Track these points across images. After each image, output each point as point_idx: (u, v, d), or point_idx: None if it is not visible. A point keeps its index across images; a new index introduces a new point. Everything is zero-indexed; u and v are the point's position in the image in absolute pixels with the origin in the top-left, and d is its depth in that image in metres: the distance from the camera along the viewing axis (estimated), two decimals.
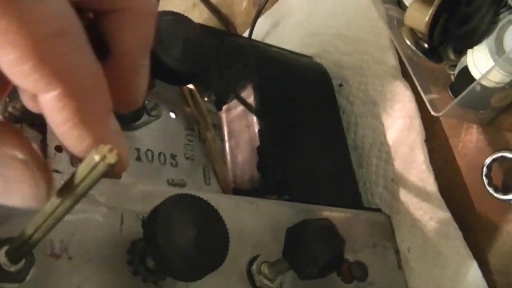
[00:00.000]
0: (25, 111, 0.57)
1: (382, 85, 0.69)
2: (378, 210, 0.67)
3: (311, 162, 0.66)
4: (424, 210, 0.62)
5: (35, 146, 0.30)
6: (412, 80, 0.63)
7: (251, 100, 0.64)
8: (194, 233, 0.44)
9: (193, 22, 0.53)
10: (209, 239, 0.44)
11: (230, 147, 0.64)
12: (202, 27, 0.65)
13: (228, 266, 0.52)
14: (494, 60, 0.55)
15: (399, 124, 0.67)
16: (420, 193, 0.63)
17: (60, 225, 0.44)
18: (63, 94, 0.25)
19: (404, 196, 0.65)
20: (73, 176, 0.33)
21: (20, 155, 0.28)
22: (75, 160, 0.53)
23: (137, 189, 0.51)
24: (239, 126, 0.65)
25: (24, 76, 0.24)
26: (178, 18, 0.52)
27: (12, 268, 0.41)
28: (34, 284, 0.43)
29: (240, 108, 0.65)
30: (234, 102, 0.66)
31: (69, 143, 0.27)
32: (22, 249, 0.41)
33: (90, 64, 0.26)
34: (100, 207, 0.48)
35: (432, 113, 0.57)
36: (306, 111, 0.69)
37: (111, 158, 0.30)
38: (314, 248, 0.49)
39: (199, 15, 1.02)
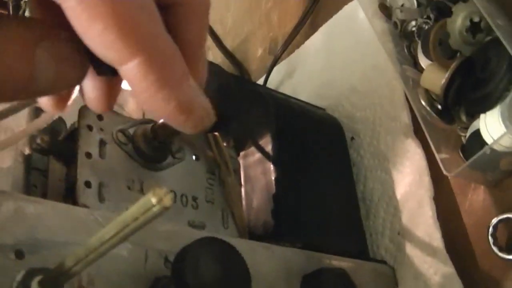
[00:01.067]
0: (52, 143, 0.59)
1: (394, 141, 0.72)
2: (384, 262, 0.69)
3: (322, 211, 0.68)
4: (429, 264, 0.65)
5: None
6: (424, 139, 0.66)
7: (268, 148, 0.67)
8: (220, 272, 0.46)
9: (223, 69, 0.56)
10: (233, 278, 0.46)
11: (246, 192, 0.67)
12: (232, 75, 0.68)
13: None
14: (506, 126, 0.58)
15: (408, 180, 0.69)
16: (426, 247, 0.65)
17: None
18: (146, 61, 0.27)
19: (410, 249, 0.67)
20: (125, 214, 0.36)
21: None
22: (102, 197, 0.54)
23: (161, 228, 0.53)
24: (256, 172, 0.67)
25: (110, 46, 0.27)
26: (209, 63, 0.55)
27: None
28: None
29: (258, 155, 0.68)
30: (252, 149, 0.68)
31: (155, 108, 0.29)
32: (57, 281, 0.43)
33: (165, 33, 0.29)
34: (126, 243, 0.50)
35: (444, 172, 0.60)
36: (319, 162, 0.71)
37: (167, 202, 0.32)
38: None
39: (213, 58, 1.05)
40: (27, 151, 0.59)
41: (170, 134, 0.57)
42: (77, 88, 0.34)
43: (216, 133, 0.63)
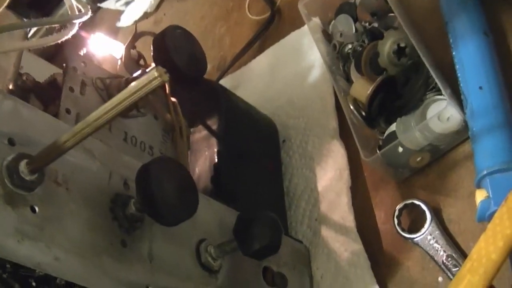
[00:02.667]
0: (35, 83, 0.67)
1: (321, 143, 0.83)
2: (300, 241, 0.78)
3: (253, 192, 0.78)
4: (341, 243, 0.75)
5: None
6: (348, 142, 0.78)
7: (214, 127, 0.77)
8: (176, 182, 0.54)
9: (195, 38, 0.67)
10: (186, 187, 0.55)
11: (191, 161, 0.76)
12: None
13: (183, 240, 0.62)
14: (416, 127, 0.71)
15: (330, 175, 0.80)
16: (339, 229, 0.76)
17: (64, 163, 0.54)
18: None
19: (325, 232, 0.77)
20: (127, 89, 0.45)
21: None
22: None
23: (124, 159, 0.61)
24: (201, 146, 0.77)
25: None
26: (186, 32, 0.65)
27: (28, 178, 0.50)
28: (39, 197, 0.51)
29: (204, 132, 0.77)
30: (200, 127, 0.78)
31: None
32: (46, 159, 0.50)
33: None
34: (96, 161, 0.58)
35: (363, 157, 0.71)
36: (255, 151, 0.82)
37: (165, 78, 0.42)
38: (260, 229, 0.60)
39: None
40: (11, 86, 0.66)
41: None
42: None
43: (175, 100, 0.72)
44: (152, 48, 0.63)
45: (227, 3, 1.11)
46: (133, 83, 0.44)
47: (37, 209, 0.51)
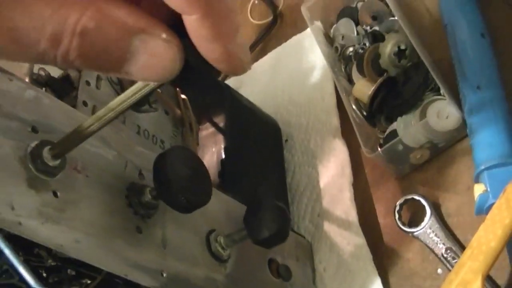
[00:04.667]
0: (50, 77, 0.69)
1: (323, 141, 0.86)
2: (303, 236, 0.81)
3: (257, 186, 0.81)
4: (343, 237, 0.77)
5: None
6: (349, 140, 0.81)
7: (221, 124, 0.80)
8: (191, 169, 0.57)
9: None
10: (202, 179, 0.58)
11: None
12: None
13: (193, 229, 0.65)
14: (416, 125, 0.73)
15: (332, 172, 0.83)
16: (342, 223, 0.78)
17: (83, 151, 0.57)
18: (203, 17, 0.31)
19: (327, 227, 0.80)
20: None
21: None
22: None
23: (139, 149, 0.63)
24: (208, 142, 0.79)
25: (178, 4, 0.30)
26: None
27: (51, 163, 0.52)
28: (60, 183, 0.53)
29: (211, 129, 0.80)
30: (207, 124, 0.81)
31: (206, 53, 0.33)
32: (68, 145, 0.52)
33: None
34: (112, 150, 0.60)
35: (365, 153, 0.74)
36: (259, 149, 0.85)
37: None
38: (269, 217, 0.62)
39: None
40: (27, 80, 0.68)
41: None
42: None
43: (185, 97, 0.75)
44: None
45: None
46: None
47: (58, 193, 0.53)
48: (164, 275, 0.59)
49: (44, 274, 0.62)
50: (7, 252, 0.49)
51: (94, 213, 0.55)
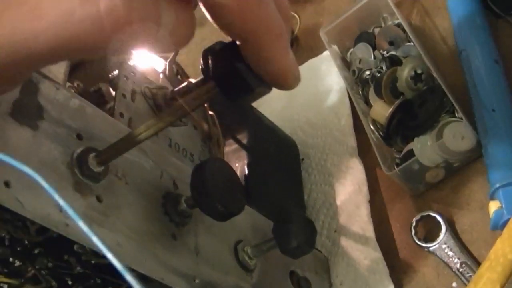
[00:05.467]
0: (84, 90, 0.72)
1: (340, 160, 0.89)
2: (319, 251, 0.84)
3: (277, 198, 0.84)
4: (360, 251, 0.80)
5: None
6: (366, 160, 0.84)
7: (244, 141, 0.83)
8: (229, 182, 0.60)
9: None
10: (237, 189, 0.61)
11: None
12: None
13: (223, 238, 0.68)
14: (432, 146, 0.77)
15: (348, 190, 0.86)
16: (359, 239, 0.81)
17: (123, 159, 0.60)
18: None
19: (344, 242, 0.82)
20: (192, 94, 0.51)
21: None
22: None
23: (172, 160, 0.66)
24: (231, 158, 0.82)
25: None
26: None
27: (96, 169, 0.55)
28: (103, 188, 0.56)
29: (234, 146, 0.83)
30: (230, 141, 0.84)
31: (265, 72, 0.37)
32: (116, 152, 0.55)
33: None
34: (149, 159, 0.63)
35: (384, 171, 0.77)
36: (280, 164, 0.88)
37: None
38: (298, 228, 0.65)
39: None
40: None
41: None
42: None
43: (212, 113, 0.78)
44: (202, 61, 0.69)
45: None
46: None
47: (102, 198, 0.55)
48: (196, 281, 0.61)
49: (70, 282, 0.65)
50: None
51: (134, 219, 0.58)
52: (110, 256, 0.31)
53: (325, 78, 0.99)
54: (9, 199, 0.48)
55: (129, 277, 0.29)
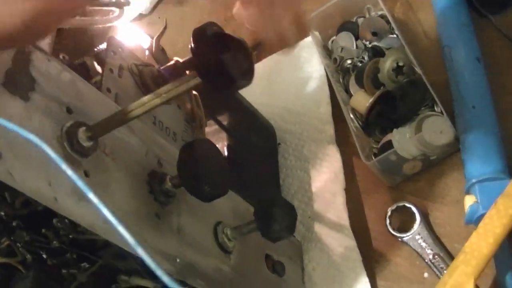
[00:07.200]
0: (70, 62, 0.71)
1: (317, 147, 0.90)
2: (294, 236, 0.84)
3: (254, 181, 0.84)
4: (334, 238, 0.81)
5: None
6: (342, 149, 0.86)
7: (225, 122, 0.83)
8: (216, 163, 0.60)
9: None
10: (223, 172, 0.61)
11: None
12: None
13: (204, 219, 0.68)
14: (411, 138, 0.78)
15: (325, 177, 0.87)
16: (334, 226, 0.82)
17: (110, 136, 0.59)
18: None
19: (319, 228, 0.83)
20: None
21: None
22: None
23: (157, 138, 0.66)
24: (212, 139, 0.82)
25: None
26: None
27: (85, 144, 0.54)
28: (91, 164, 0.55)
29: (215, 127, 0.83)
30: (210, 121, 0.84)
31: None
32: (106, 127, 0.55)
33: None
34: (135, 137, 0.63)
35: (364, 160, 0.78)
36: (258, 146, 0.89)
37: None
38: (280, 212, 0.66)
39: None
40: None
41: (169, 77, 0.72)
42: None
43: (196, 93, 0.78)
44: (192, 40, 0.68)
45: (225, 12, 1.17)
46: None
47: (90, 174, 0.55)
48: (178, 260, 0.61)
49: (44, 256, 0.64)
50: None
51: (120, 196, 0.57)
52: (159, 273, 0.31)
53: (304, 65, 0.99)
54: (1, 170, 0.47)
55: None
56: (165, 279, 0.31)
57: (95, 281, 0.65)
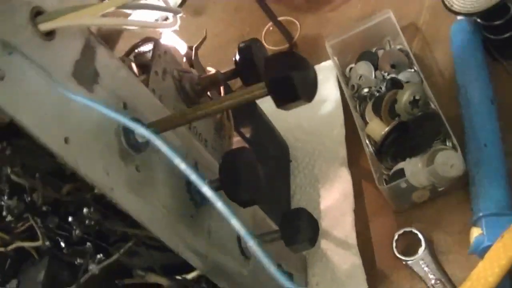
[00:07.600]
0: None
1: (328, 167, 0.94)
2: None
3: (270, 192, 0.88)
4: (340, 256, 0.85)
5: None
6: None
7: (248, 134, 0.86)
8: (255, 173, 0.63)
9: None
10: (260, 181, 0.64)
11: None
12: None
13: (230, 225, 0.70)
14: (423, 169, 0.83)
15: (334, 197, 0.91)
16: (341, 244, 0.86)
17: None
18: None
19: (325, 245, 0.87)
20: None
21: None
22: None
23: (195, 142, 0.69)
24: None
25: None
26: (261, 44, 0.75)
27: (141, 140, 0.57)
28: (142, 160, 0.58)
29: (237, 138, 0.86)
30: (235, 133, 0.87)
31: None
32: (171, 124, 0.58)
33: None
34: (178, 139, 0.66)
35: (378, 185, 0.83)
36: (275, 161, 0.92)
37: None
38: (305, 225, 0.70)
39: None
40: None
41: (208, 86, 0.75)
42: None
43: None
44: (238, 54, 0.72)
45: (243, 27, 1.21)
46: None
47: (140, 169, 0.58)
48: (209, 259, 0.64)
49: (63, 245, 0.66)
50: None
51: (163, 193, 0.60)
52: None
53: (320, 87, 1.02)
54: (68, 155, 0.50)
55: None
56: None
57: (107, 274, 0.67)
